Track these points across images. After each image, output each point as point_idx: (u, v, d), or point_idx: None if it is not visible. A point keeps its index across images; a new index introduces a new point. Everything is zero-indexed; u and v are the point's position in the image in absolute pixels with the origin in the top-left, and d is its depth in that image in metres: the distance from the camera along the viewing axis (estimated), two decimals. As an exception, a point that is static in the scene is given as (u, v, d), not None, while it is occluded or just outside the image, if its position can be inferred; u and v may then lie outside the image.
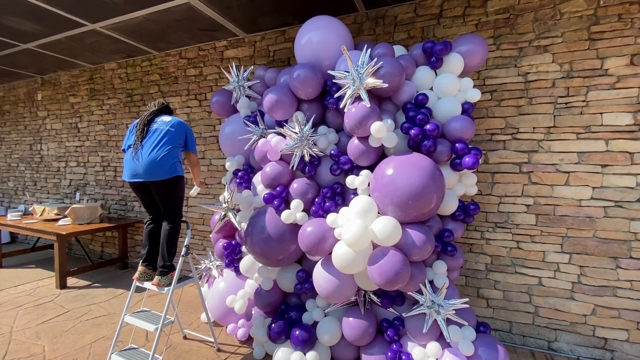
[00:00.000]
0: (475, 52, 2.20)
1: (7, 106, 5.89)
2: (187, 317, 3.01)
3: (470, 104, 2.18)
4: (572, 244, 2.48)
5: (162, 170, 2.19)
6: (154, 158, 2.17)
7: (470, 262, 2.77)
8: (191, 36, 3.71)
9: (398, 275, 1.79)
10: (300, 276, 2.32)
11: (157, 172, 2.18)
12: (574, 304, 2.48)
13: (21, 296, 3.44)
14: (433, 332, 2.02)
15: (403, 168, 1.90)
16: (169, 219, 2.31)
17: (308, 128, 2.21)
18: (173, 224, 2.31)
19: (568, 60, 2.47)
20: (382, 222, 1.88)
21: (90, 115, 4.90)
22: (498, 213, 2.68)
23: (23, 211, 4.66)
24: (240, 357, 2.44)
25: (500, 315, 2.69)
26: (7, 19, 3.29)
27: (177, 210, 2.35)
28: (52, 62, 4.60)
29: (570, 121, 2.47)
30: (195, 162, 2.48)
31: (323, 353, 2.25)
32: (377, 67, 1.98)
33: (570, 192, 2.47)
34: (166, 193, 2.26)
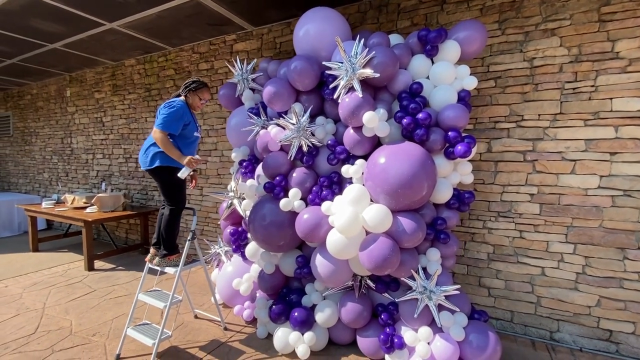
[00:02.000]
0: (474, 39, 2.17)
1: (40, 102, 6.34)
2: (200, 298, 3.21)
3: (467, 92, 2.16)
4: (577, 234, 2.42)
5: (145, 160, 2.30)
6: (142, 147, 2.34)
7: (472, 252, 2.77)
8: (202, 31, 3.84)
9: (386, 261, 1.85)
10: (300, 261, 2.42)
11: (143, 161, 2.33)
12: (578, 294, 2.44)
13: (54, 277, 3.78)
14: (425, 317, 2.07)
15: (393, 157, 1.93)
16: (167, 205, 2.41)
17: (305, 119, 2.28)
18: (169, 210, 2.38)
19: (577, 44, 2.37)
20: (373, 210, 1.93)
21: (113, 109, 5.19)
22: (501, 202, 2.65)
23: (56, 200, 5.05)
24: (245, 335, 2.60)
25: (502, 305, 2.69)
26: (34, 21, 3.54)
27: (170, 197, 2.38)
28: (78, 60, 4.89)
29: (578, 107, 2.39)
30: (159, 138, 2.16)
31: (320, 334, 2.36)
32: (370, 57, 2.01)
33: (577, 181, 2.40)
34: (156, 181, 2.39)
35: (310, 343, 2.27)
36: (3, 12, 3.27)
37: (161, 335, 2.17)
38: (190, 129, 2.38)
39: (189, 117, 2.35)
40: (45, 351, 2.35)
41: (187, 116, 2.33)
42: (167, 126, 2.18)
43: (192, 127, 2.39)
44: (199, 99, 2.44)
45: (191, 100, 2.42)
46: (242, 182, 2.75)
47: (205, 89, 2.45)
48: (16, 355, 2.29)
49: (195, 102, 2.44)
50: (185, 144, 2.36)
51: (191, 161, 2.13)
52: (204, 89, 2.44)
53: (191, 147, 2.44)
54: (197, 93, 2.42)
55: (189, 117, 2.36)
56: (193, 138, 2.43)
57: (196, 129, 2.45)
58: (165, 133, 2.18)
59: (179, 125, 2.26)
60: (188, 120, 2.34)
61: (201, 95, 2.44)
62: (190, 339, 2.54)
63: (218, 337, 2.58)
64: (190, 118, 2.39)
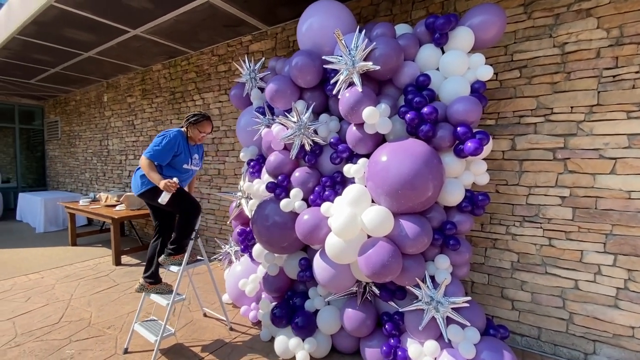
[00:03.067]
0: (491, 24, 1.96)
1: (82, 108, 6.85)
2: (211, 296, 3.24)
3: (481, 83, 1.95)
4: (618, 243, 2.10)
5: (135, 186, 2.36)
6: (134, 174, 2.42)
7: (493, 259, 2.52)
8: (219, 33, 3.90)
9: (385, 267, 1.71)
10: (303, 264, 2.34)
11: (134, 188, 2.38)
12: (619, 313, 2.11)
13: (84, 270, 4.03)
14: (432, 330, 1.90)
15: (394, 155, 1.79)
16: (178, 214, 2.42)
17: (307, 116, 2.20)
18: (179, 216, 2.40)
19: (617, 25, 2.07)
20: (373, 212, 1.80)
21: (143, 113, 5.46)
22: (527, 205, 2.38)
23: (92, 198, 5.42)
24: (249, 337, 2.57)
25: (528, 320, 2.41)
26: (68, 31, 3.80)
27: (181, 209, 2.36)
28: (112, 67, 5.21)
29: (619, 97, 2.08)
30: (143, 164, 2.19)
31: (322, 341, 2.26)
32: (370, 48, 1.88)
33: (617, 182, 2.09)
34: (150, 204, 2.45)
35: (311, 350, 2.19)
36: (38, 23, 3.54)
37: (163, 333, 2.20)
38: (180, 160, 2.35)
39: (180, 149, 2.32)
40: (63, 340, 2.48)
41: (178, 147, 2.30)
42: (154, 156, 2.20)
43: (182, 159, 2.35)
44: (199, 132, 2.40)
45: (190, 132, 2.40)
46: (249, 182, 2.73)
47: (206, 122, 2.41)
48: (38, 342, 2.44)
49: (195, 134, 2.40)
50: (173, 175, 2.29)
51: (166, 185, 2.07)
52: (204, 122, 2.40)
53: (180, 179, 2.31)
54: (196, 126, 2.38)
55: (181, 148, 2.32)
56: (182, 170, 2.39)
57: (188, 161, 2.42)
58: (150, 160, 2.20)
59: (167, 156, 2.25)
60: (179, 151, 2.31)
61: (201, 129, 2.40)
62: (196, 337, 2.55)
63: (223, 337, 2.57)
64: (182, 150, 2.34)
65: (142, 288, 2.43)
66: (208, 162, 4.51)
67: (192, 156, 2.44)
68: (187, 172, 2.47)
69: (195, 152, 2.50)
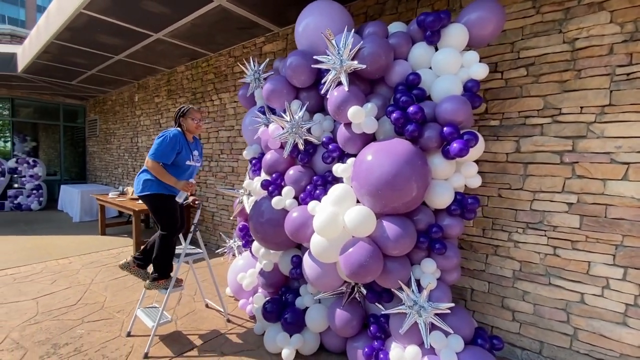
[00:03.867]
0: (487, 20, 1.88)
1: (117, 107, 7.36)
2: (215, 288, 3.36)
3: (474, 82, 1.87)
4: (629, 255, 1.93)
5: (137, 187, 2.38)
6: (137, 175, 2.44)
7: (494, 267, 2.40)
8: (234, 35, 4.04)
9: (363, 267, 1.70)
10: (294, 261, 2.38)
11: (136, 188, 2.40)
12: (627, 331, 1.94)
13: (108, 257, 4.34)
14: (415, 335, 1.85)
15: (377, 155, 1.77)
16: (159, 230, 2.42)
17: (300, 116, 2.23)
18: (160, 236, 2.39)
19: (632, 19, 1.90)
20: (354, 212, 1.79)
21: (168, 112, 5.77)
22: (531, 211, 2.25)
23: (120, 191, 5.80)
24: (244, 330, 2.65)
25: (529, 333, 2.28)
26: (98, 36, 4.11)
27: (161, 222, 2.39)
28: (140, 69, 5.55)
29: (633, 97, 1.91)
30: (151, 167, 2.27)
31: (310, 338, 2.28)
32: (357, 48, 1.87)
33: (630, 189, 1.92)
34: (147, 206, 2.45)
35: (298, 346, 2.21)
36: (71, 29, 3.87)
37: (160, 320, 2.33)
38: (182, 157, 2.39)
39: (181, 146, 2.36)
40: (77, 321, 2.69)
41: (180, 144, 2.35)
42: (158, 156, 2.26)
43: (184, 156, 2.40)
44: (192, 120, 2.45)
45: (186, 125, 2.45)
46: (250, 179, 2.81)
47: (192, 110, 2.48)
48: (54, 321, 2.68)
49: (190, 125, 2.46)
50: (178, 172, 2.38)
51: (186, 185, 2.18)
52: (190, 110, 2.47)
53: (184, 176, 2.46)
54: (187, 117, 2.45)
55: (181, 145, 2.36)
56: (185, 167, 2.44)
57: (190, 157, 2.45)
58: (157, 162, 2.26)
59: (171, 155, 2.31)
60: (180, 148, 2.36)
61: (192, 117, 2.46)
62: (195, 326, 2.67)
63: (219, 327, 2.67)
64: (183, 147, 2.38)
65: (126, 266, 2.46)
66: (223, 159, 4.68)
67: (192, 152, 2.50)
68: (190, 169, 2.52)
69: (195, 149, 2.56)
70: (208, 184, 4.95)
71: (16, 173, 7.54)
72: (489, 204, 2.42)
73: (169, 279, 2.43)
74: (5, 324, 2.62)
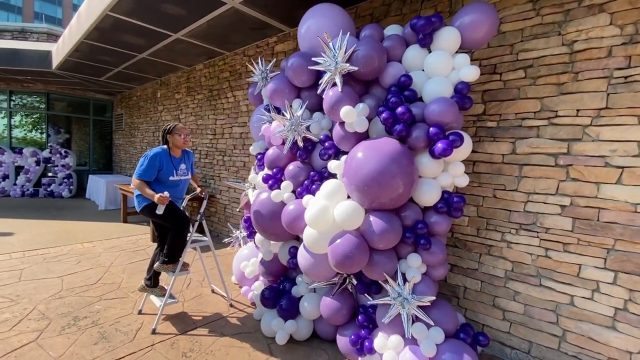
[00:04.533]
0: (480, 23, 1.91)
1: (141, 103, 7.75)
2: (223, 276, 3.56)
3: (465, 84, 1.92)
4: (620, 260, 1.93)
5: (135, 204, 2.62)
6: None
7: (487, 266, 2.44)
8: (248, 36, 4.21)
9: (347, 258, 1.80)
10: (292, 252, 2.51)
11: (136, 205, 2.61)
12: (616, 335, 1.94)
13: (127, 243, 4.65)
14: (399, 325, 1.94)
15: (365, 153, 1.86)
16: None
17: (299, 114, 2.35)
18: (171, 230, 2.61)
19: (632, 21, 1.89)
20: (343, 206, 1.90)
21: (187, 108, 6.04)
22: (524, 213, 2.27)
23: (141, 182, 6.14)
24: (244, 315, 2.81)
25: (519, 332, 2.30)
26: (124, 36, 4.40)
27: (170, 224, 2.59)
28: (162, 67, 5.85)
29: (630, 100, 1.90)
30: (135, 185, 2.45)
31: (303, 325, 2.41)
32: (351, 51, 1.96)
33: (623, 194, 1.91)
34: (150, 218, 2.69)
35: (291, 331, 2.35)
36: (99, 30, 4.16)
37: (166, 300, 2.53)
38: (165, 173, 2.52)
39: (162, 163, 2.50)
40: (95, 298, 2.96)
41: (160, 162, 2.49)
42: (140, 175, 2.44)
43: (167, 171, 2.53)
44: (179, 136, 2.58)
45: (173, 141, 2.58)
46: (255, 173, 2.96)
47: (179, 126, 2.61)
48: (75, 297, 2.95)
49: (178, 141, 2.58)
50: (162, 188, 2.50)
51: (159, 198, 2.30)
52: (176, 127, 2.60)
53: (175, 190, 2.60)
54: (174, 133, 2.58)
55: (162, 163, 2.50)
56: (169, 182, 2.56)
57: (173, 173, 2.58)
58: (140, 180, 2.43)
59: (152, 172, 2.46)
60: (161, 166, 2.50)
61: (178, 133, 2.59)
62: (200, 309, 2.87)
63: (222, 311, 2.85)
64: (164, 164, 2.52)
65: (142, 289, 2.77)
66: (236, 154, 4.88)
67: (177, 168, 2.62)
68: (176, 184, 2.65)
69: (182, 163, 2.69)
70: (221, 178, 5.18)
71: (50, 162, 8.12)
72: (484, 204, 2.45)
73: (176, 263, 2.63)
74: (34, 297, 2.92)
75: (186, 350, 2.28)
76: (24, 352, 2.17)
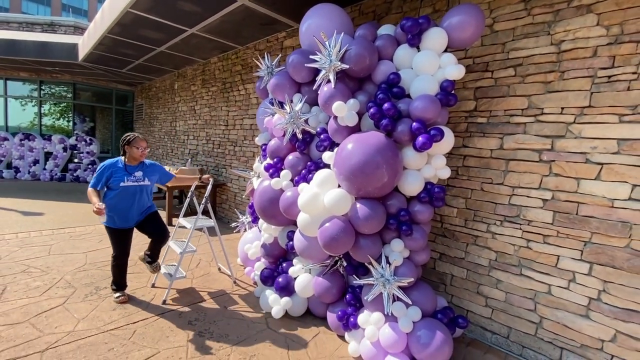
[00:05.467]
0: (467, 24, 2.02)
1: (160, 94, 8.11)
2: (229, 258, 3.82)
3: (449, 82, 2.03)
4: (596, 252, 2.02)
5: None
6: None
7: (473, 255, 2.57)
8: (259, 31, 4.39)
9: (334, 240, 1.99)
10: (289, 235, 2.72)
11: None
12: (589, 323, 2.05)
13: (144, 225, 5.00)
14: (381, 304, 2.11)
15: (353, 145, 2.02)
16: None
17: (299, 108, 2.52)
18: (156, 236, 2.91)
19: (618, 21, 1.94)
20: (332, 194, 2.07)
21: (202, 99, 6.31)
22: (509, 205, 2.38)
23: (159, 169, 6.51)
24: (246, 292, 3.06)
25: (499, 318, 2.44)
26: (143, 31, 4.66)
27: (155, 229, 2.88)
28: (180, 60, 6.12)
29: (613, 99, 1.97)
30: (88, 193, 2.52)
31: (298, 302, 2.62)
32: (344, 49, 2.11)
33: (601, 189, 2.00)
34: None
35: (286, 307, 2.57)
36: (121, 25, 4.44)
37: (176, 274, 2.80)
38: (115, 180, 2.59)
39: (111, 172, 2.59)
40: (115, 272, 3.27)
41: (110, 171, 2.59)
42: (91, 184, 2.56)
43: (118, 178, 2.59)
44: (137, 149, 2.65)
45: (130, 153, 2.65)
46: (260, 163, 3.17)
47: (137, 139, 2.67)
48: (97, 271, 3.28)
49: (134, 153, 2.65)
50: (114, 194, 2.61)
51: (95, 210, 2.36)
52: (136, 139, 2.66)
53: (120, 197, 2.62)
54: (132, 145, 2.65)
55: (112, 171, 2.59)
56: (119, 189, 2.60)
57: (124, 179, 2.61)
58: (91, 188, 2.53)
59: (99, 181, 2.57)
60: (111, 174, 2.59)
61: (136, 145, 2.65)
62: (206, 285, 3.13)
63: (226, 288, 3.11)
64: (114, 171, 2.60)
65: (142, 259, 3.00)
66: (246, 145, 5.11)
67: (131, 173, 2.66)
68: (129, 189, 2.65)
69: (138, 170, 2.72)
70: (232, 167, 5.43)
71: (76, 149, 8.64)
72: (472, 196, 2.57)
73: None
74: (61, 269, 3.26)
75: (192, 319, 2.53)
76: (53, 313, 2.49)
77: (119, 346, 2.17)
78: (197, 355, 2.13)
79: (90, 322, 2.40)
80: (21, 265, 3.26)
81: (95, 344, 2.17)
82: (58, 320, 2.39)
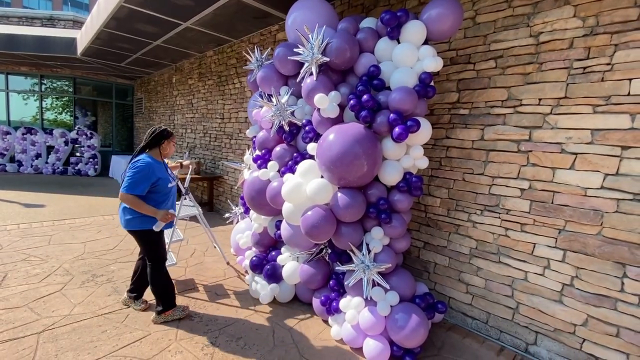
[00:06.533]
0: (444, 16, 2.06)
1: (159, 87, 8.17)
2: (223, 248, 3.93)
3: (427, 74, 2.08)
4: (569, 239, 2.08)
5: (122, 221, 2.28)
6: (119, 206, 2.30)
7: (454, 244, 2.64)
8: (252, 24, 4.42)
9: (315, 227, 2.07)
10: (277, 225, 2.80)
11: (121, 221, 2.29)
12: (562, 308, 2.12)
13: (142, 217, 5.11)
14: (362, 289, 2.20)
15: (334, 136, 2.08)
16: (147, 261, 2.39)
17: (284, 100, 2.58)
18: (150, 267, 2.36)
19: (594, 13, 1.97)
20: (314, 183, 2.15)
21: (199, 93, 6.37)
22: (489, 195, 2.44)
23: (157, 162, 6.60)
24: (238, 280, 3.16)
25: (479, 304, 2.51)
26: (138, 25, 4.71)
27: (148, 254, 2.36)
28: (176, 53, 6.17)
29: (587, 90, 2.01)
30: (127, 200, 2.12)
31: (285, 289, 2.71)
32: (326, 42, 2.16)
33: (575, 178, 2.05)
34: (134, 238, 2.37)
35: (274, 293, 2.66)
36: (116, 19, 4.49)
37: (169, 262, 2.90)
38: (164, 182, 2.25)
39: (157, 174, 2.20)
40: (111, 260, 3.39)
41: (154, 174, 2.18)
42: (131, 189, 2.08)
43: (164, 179, 2.26)
44: (174, 144, 2.42)
45: (167, 148, 2.36)
46: (250, 155, 3.24)
47: (173, 134, 2.40)
48: (95, 259, 3.39)
49: (170, 148, 2.39)
50: (162, 198, 2.27)
51: (165, 216, 2.11)
52: (173, 134, 2.40)
53: (169, 199, 2.34)
54: (170, 140, 2.36)
55: (157, 173, 2.21)
56: (167, 189, 2.31)
57: (169, 180, 2.33)
58: (132, 195, 2.09)
59: (145, 186, 2.13)
60: (156, 177, 2.19)
61: (174, 140, 2.40)
62: (200, 274, 3.24)
63: (218, 276, 3.21)
64: (160, 173, 2.24)
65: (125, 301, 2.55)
66: (241, 138, 5.18)
67: (171, 174, 2.45)
68: (173, 190, 2.43)
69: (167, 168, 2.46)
70: (229, 159, 5.51)
71: (77, 143, 8.76)
72: (454, 186, 2.63)
73: (175, 308, 2.39)
74: (60, 257, 3.38)
75: (183, 305, 2.64)
76: (51, 298, 2.60)
77: (112, 328, 2.28)
78: (187, 337, 2.24)
79: (85, 307, 2.51)
80: (22, 254, 3.38)
81: (89, 326, 2.28)
82: (55, 305, 2.51)
